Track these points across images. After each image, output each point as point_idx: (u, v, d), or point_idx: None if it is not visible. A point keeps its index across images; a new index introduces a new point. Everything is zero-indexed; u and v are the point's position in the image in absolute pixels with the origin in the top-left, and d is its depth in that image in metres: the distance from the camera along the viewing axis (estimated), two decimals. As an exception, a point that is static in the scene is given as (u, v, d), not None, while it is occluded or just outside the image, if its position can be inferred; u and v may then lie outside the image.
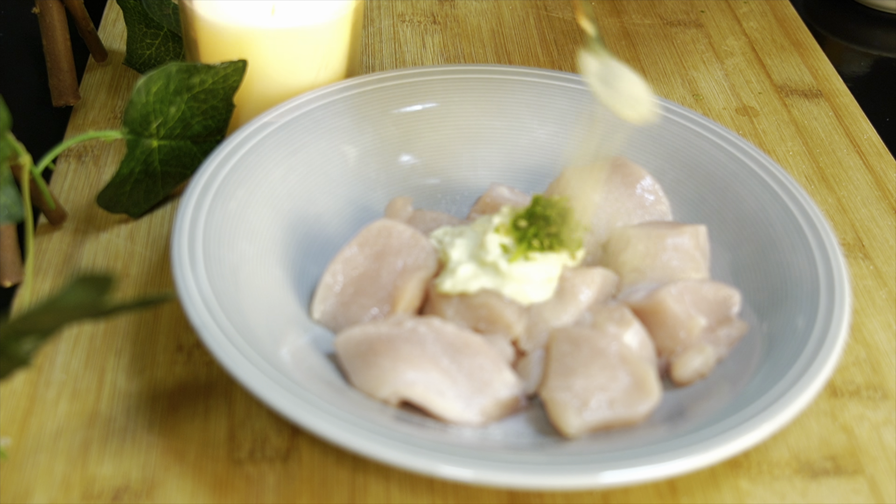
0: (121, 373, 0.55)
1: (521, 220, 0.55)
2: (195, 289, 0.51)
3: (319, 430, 0.46)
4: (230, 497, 0.50)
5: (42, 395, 0.54)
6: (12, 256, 0.59)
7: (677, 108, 0.67)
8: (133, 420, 0.53)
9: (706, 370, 0.55)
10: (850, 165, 0.74)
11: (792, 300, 0.56)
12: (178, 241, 0.54)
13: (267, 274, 0.57)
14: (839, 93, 0.81)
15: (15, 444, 0.51)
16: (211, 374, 0.56)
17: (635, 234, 0.60)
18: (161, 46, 0.75)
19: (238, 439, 0.52)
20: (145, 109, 0.60)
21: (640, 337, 0.55)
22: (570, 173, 0.64)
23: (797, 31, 0.89)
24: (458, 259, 0.56)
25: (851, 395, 0.57)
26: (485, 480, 0.45)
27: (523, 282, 0.55)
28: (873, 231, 0.68)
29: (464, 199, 0.67)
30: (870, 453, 0.54)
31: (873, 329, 0.61)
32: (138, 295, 0.60)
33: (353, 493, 0.50)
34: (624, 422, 0.51)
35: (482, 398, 0.52)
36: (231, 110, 0.64)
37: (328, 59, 0.66)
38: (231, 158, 0.59)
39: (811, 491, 0.52)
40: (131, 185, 0.62)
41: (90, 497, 0.49)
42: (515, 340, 0.55)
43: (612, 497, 0.51)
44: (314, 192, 0.63)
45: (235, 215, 0.57)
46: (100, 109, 0.74)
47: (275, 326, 0.54)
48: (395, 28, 0.86)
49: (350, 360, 0.53)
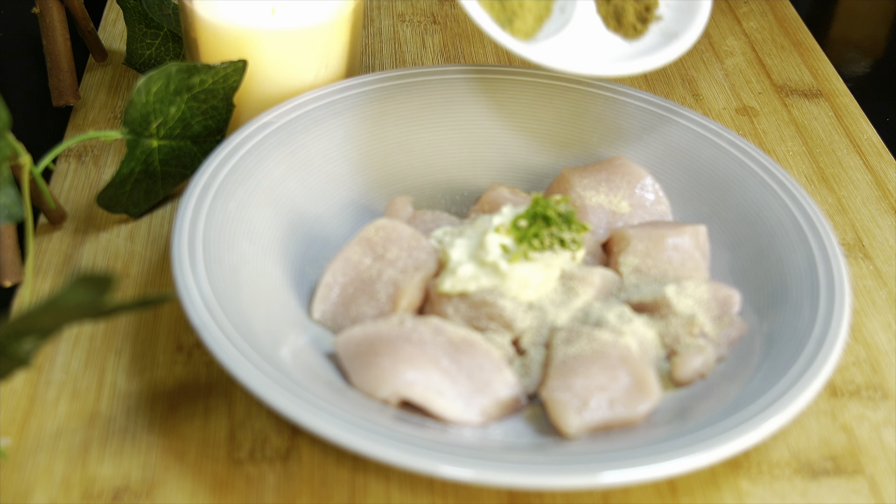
0: (121, 373, 0.55)
1: (521, 220, 0.55)
2: (195, 289, 0.51)
3: (319, 430, 0.46)
4: (230, 497, 0.50)
5: (42, 395, 0.54)
6: (12, 256, 0.59)
7: (677, 108, 0.67)
8: (133, 420, 0.53)
9: (706, 370, 0.55)
10: (850, 165, 0.74)
11: (792, 300, 0.56)
12: (178, 241, 0.54)
13: (267, 274, 0.57)
14: (839, 93, 0.81)
15: (15, 444, 0.51)
16: (211, 374, 0.56)
17: (635, 234, 0.60)
18: (161, 46, 0.75)
19: (238, 439, 0.52)
20: (145, 109, 0.60)
21: (640, 337, 0.55)
22: (570, 173, 0.65)
23: (797, 31, 0.89)
24: (458, 259, 0.56)
25: (851, 395, 0.57)
26: (485, 480, 0.45)
27: (523, 282, 0.55)
28: (873, 231, 0.68)
29: (464, 199, 0.67)
30: (870, 453, 0.54)
31: (873, 329, 0.61)
32: (138, 295, 0.60)
33: (353, 493, 0.50)
34: (624, 422, 0.51)
35: (482, 398, 0.52)
36: (231, 110, 0.64)
37: (328, 59, 0.66)
38: (231, 158, 0.59)
39: (811, 491, 0.52)
40: (131, 185, 0.63)
41: (90, 497, 0.49)
42: (515, 340, 0.56)
43: (612, 497, 0.51)
44: (314, 192, 0.63)
45: (235, 215, 0.57)
46: (100, 109, 0.74)
47: (275, 326, 0.54)
48: (395, 28, 0.86)
49: (350, 360, 0.53)
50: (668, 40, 0.60)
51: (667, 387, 0.55)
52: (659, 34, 0.60)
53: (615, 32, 0.60)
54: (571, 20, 0.59)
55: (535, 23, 0.59)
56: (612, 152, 0.67)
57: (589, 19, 0.60)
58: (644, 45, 0.61)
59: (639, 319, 0.56)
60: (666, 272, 0.59)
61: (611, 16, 0.60)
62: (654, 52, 0.60)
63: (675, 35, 0.60)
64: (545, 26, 0.60)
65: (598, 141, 0.67)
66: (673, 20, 0.61)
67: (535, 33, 0.59)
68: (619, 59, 0.60)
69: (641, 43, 0.60)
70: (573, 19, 0.59)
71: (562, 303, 0.56)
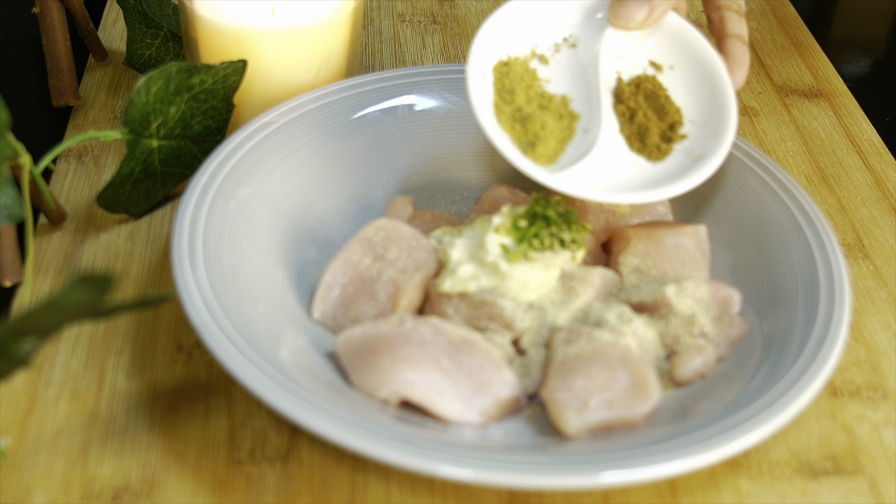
0: (121, 373, 0.55)
1: (521, 220, 0.55)
2: (195, 289, 0.51)
3: (319, 430, 0.46)
4: (230, 497, 0.50)
5: (42, 395, 0.54)
6: (12, 256, 0.59)
7: (677, 108, 0.67)
8: (133, 420, 0.53)
9: (706, 370, 0.55)
10: (850, 165, 0.74)
11: (792, 300, 0.56)
12: (178, 241, 0.54)
13: (267, 274, 0.57)
14: (839, 93, 0.81)
15: (15, 444, 0.51)
16: (211, 374, 0.56)
17: (635, 234, 0.60)
18: (161, 46, 0.75)
19: (238, 439, 0.52)
20: (145, 109, 0.60)
21: (640, 337, 0.55)
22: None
23: (797, 31, 0.89)
24: (458, 259, 0.56)
25: (851, 395, 0.57)
26: (485, 480, 0.45)
27: (523, 282, 0.55)
28: (873, 231, 0.68)
29: (464, 199, 0.67)
30: (870, 453, 0.54)
31: (873, 329, 0.61)
32: (138, 295, 0.60)
33: (353, 493, 0.50)
34: (624, 422, 0.51)
35: (482, 398, 0.52)
36: (231, 110, 0.64)
37: (328, 59, 0.66)
38: (231, 158, 0.59)
39: (811, 491, 0.52)
40: (131, 185, 0.62)
41: (90, 497, 0.49)
42: (515, 340, 0.55)
43: (612, 497, 0.51)
44: (314, 192, 0.63)
45: (235, 215, 0.57)
46: (100, 109, 0.74)
47: (275, 326, 0.54)
48: (395, 28, 0.86)
49: (350, 360, 0.53)
50: (693, 162, 0.58)
51: (667, 387, 0.55)
52: (683, 155, 0.58)
53: (639, 154, 0.58)
54: (596, 144, 0.57)
55: (558, 145, 0.57)
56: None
57: (613, 141, 0.58)
58: (668, 167, 0.58)
59: (639, 319, 0.56)
60: (666, 272, 0.59)
61: (634, 136, 0.58)
62: (679, 175, 0.57)
63: (701, 157, 0.57)
64: (568, 149, 0.58)
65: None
66: (698, 140, 0.58)
67: (557, 157, 0.57)
68: (644, 184, 0.57)
69: (666, 164, 0.58)
70: (597, 143, 0.57)
71: (562, 303, 0.56)
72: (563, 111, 0.58)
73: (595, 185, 0.56)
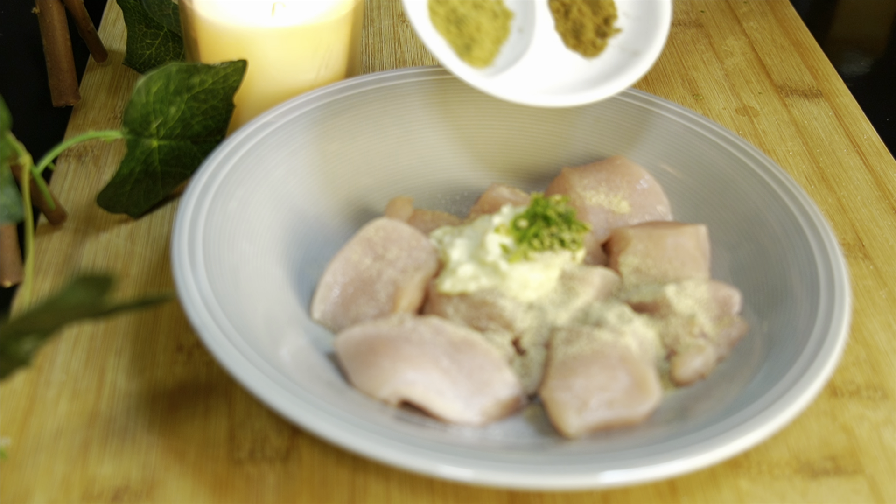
0: (121, 373, 0.55)
1: (521, 220, 0.55)
2: (195, 289, 0.51)
3: (319, 430, 0.46)
4: (230, 497, 0.50)
5: (42, 395, 0.54)
6: (12, 256, 0.59)
7: (677, 108, 0.67)
8: (133, 420, 0.53)
9: (706, 370, 0.55)
10: (850, 165, 0.74)
11: (792, 300, 0.56)
12: (178, 241, 0.54)
13: (267, 274, 0.57)
14: (839, 93, 0.81)
15: (15, 444, 0.51)
16: (211, 374, 0.56)
17: (635, 234, 0.60)
18: (161, 46, 0.75)
19: (238, 439, 0.52)
20: (145, 109, 0.60)
21: (640, 337, 0.55)
22: (570, 173, 0.64)
23: (797, 31, 0.89)
24: (458, 259, 0.56)
25: (851, 395, 0.57)
26: (485, 480, 0.45)
27: (523, 282, 0.55)
28: (873, 231, 0.68)
29: (464, 199, 0.67)
30: (870, 453, 0.54)
31: (873, 329, 0.61)
32: (138, 295, 0.60)
33: (353, 493, 0.50)
34: (624, 422, 0.51)
35: (482, 398, 0.52)
36: (231, 110, 0.64)
37: (328, 59, 0.66)
38: (231, 158, 0.59)
39: (811, 491, 0.52)
40: (131, 185, 0.63)
41: (90, 497, 0.49)
42: (515, 340, 0.55)
43: (612, 497, 0.51)
44: (314, 192, 0.63)
45: (235, 215, 0.57)
46: (100, 109, 0.74)
47: (275, 326, 0.54)
48: (395, 28, 0.86)
49: (350, 360, 0.53)
50: (628, 58, 0.58)
51: (667, 387, 0.55)
52: (619, 50, 0.58)
53: (574, 50, 0.58)
54: (531, 44, 0.57)
55: (494, 46, 0.57)
56: (612, 152, 0.67)
57: (548, 39, 0.58)
58: (604, 64, 0.58)
59: (639, 319, 0.56)
60: (666, 272, 0.59)
61: (570, 33, 0.57)
62: (615, 72, 0.58)
63: (636, 53, 0.57)
64: (504, 49, 0.58)
65: (598, 141, 0.67)
66: (632, 33, 0.59)
67: (493, 58, 0.57)
68: (581, 84, 0.57)
69: (601, 61, 0.58)
70: (533, 43, 0.57)
71: (562, 303, 0.56)
72: (498, 9, 0.58)
73: (533, 89, 0.56)
